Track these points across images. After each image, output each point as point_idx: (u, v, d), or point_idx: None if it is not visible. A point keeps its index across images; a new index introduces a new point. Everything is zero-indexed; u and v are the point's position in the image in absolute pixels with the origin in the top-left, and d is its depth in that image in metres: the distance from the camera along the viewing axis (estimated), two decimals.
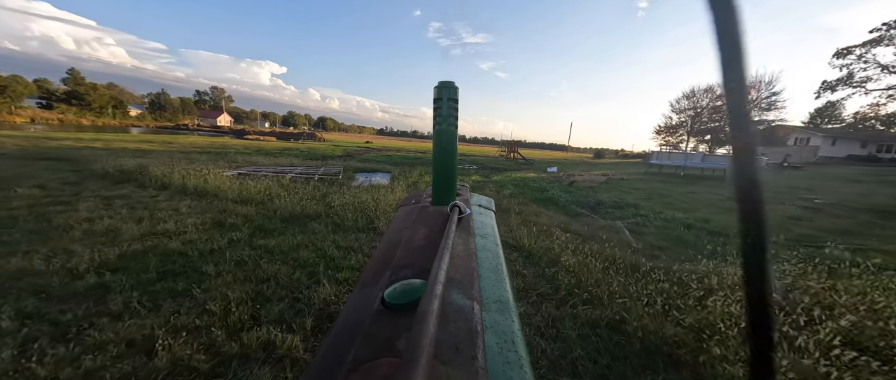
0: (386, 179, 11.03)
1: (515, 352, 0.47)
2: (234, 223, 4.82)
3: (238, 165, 11.56)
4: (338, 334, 0.49)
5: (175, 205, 5.59)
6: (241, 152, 17.05)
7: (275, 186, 7.45)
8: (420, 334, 0.31)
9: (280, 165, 12.17)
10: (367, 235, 4.71)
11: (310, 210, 5.71)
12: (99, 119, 54.21)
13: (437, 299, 0.38)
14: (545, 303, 2.94)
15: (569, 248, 4.38)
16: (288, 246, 4.03)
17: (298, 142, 36.95)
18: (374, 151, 26.99)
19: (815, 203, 8.24)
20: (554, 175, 15.52)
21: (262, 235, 4.48)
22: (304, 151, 21.98)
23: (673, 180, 14.14)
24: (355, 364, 0.37)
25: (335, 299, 2.87)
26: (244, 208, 5.53)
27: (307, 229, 4.81)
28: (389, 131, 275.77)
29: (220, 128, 60.81)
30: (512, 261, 4.06)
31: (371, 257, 0.93)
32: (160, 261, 3.41)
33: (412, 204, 1.16)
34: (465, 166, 18.69)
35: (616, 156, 68.32)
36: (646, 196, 9.54)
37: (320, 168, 11.72)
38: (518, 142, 30.82)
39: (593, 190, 10.40)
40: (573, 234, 5.26)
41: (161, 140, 22.85)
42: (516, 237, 4.79)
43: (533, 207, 7.27)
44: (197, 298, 2.76)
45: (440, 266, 0.47)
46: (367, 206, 6.15)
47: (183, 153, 14.11)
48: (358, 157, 19.72)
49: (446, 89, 0.93)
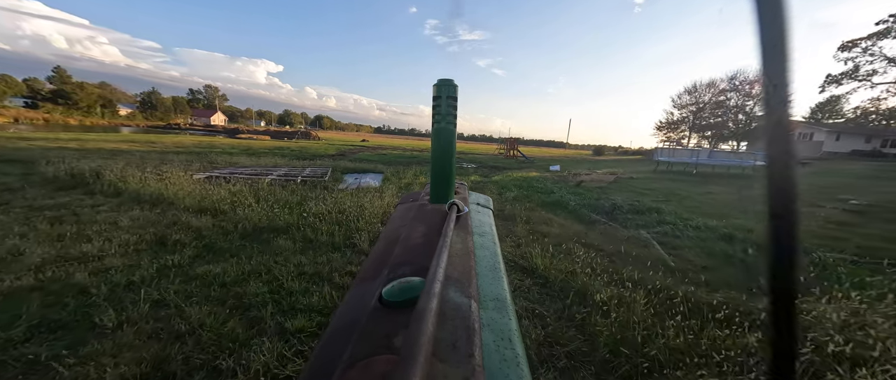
0: (377, 180, 10.12)
1: (512, 350, 0.48)
2: (178, 241, 3.90)
3: (216, 166, 10.61)
4: (335, 331, 0.49)
5: (116, 217, 4.66)
6: (225, 152, 16.07)
7: (246, 192, 6.53)
8: (418, 331, 0.31)
9: (262, 166, 11.22)
10: (342, 255, 3.80)
11: (280, 221, 4.80)
12: (87, 119, 52.55)
13: (434, 297, 0.38)
14: (581, 371, 2.05)
15: (595, 270, 3.49)
16: (235, 274, 3.11)
17: (292, 141, 35.92)
18: (368, 150, 26.03)
19: (853, 205, 7.38)
20: (557, 174, 14.64)
21: (210, 257, 3.57)
22: (295, 150, 20.99)
23: (685, 179, 13.27)
24: (353, 361, 0.37)
25: (277, 369, 1.97)
26: (199, 220, 4.61)
27: (269, 248, 3.90)
28: (387, 129, 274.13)
29: (214, 127, 59.57)
30: (524, 289, 3.16)
31: (369, 255, 0.83)
32: (46, 304, 2.49)
33: (410, 202, 1.17)
34: (462, 165, 17.77)
35: (615, 152, 67.60)
36: (663, 198, 8.65)
37: (306, 169, 10.78)
38: (517, 139, 29.77)
39: (604, 191, 9.52)
40: (594, 249, 4.37)
41: (145, 140, 21.80)
42: (527, 255, 3.89)
43: (541, 212, 6.38)
44: (60, 377, 1.84)
45: (438, 264, 0.47)
46: (349, 215, 5.25)
47: (160, 154, 13.13)
48: (350, 156, 18.76)
49: (445, 87, 0.94)
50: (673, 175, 14.70)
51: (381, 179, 10.19)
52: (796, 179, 0.32)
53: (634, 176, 13.74)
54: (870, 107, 41.44)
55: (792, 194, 0.33)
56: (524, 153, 27.85)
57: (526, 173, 14.21)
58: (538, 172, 14.91)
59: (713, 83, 39.13)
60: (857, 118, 44.62)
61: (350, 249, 4.00)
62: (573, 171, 16.43)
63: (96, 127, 42.81)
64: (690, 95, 41.77)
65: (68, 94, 54.86)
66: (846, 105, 47.90)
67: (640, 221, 5.88)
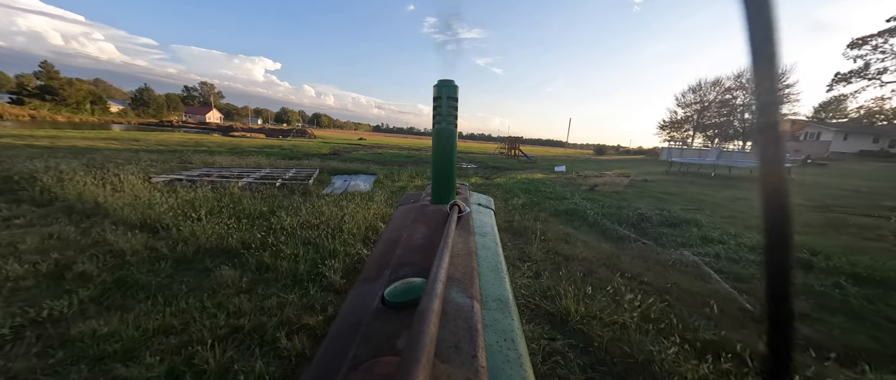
0: (368, 183, 9.11)
1: (515, 350, 0.48)
2: (82, 274, 2.89)
3: (190, 166, 9.58)
4: (338, 332, 0.49)
5: (23, 235, 3.64)
6: (210, 150, 15.02)
7: (210, 199, 5.51)
8: (420, 332, 0.31)
9: (241, 167, 10.19)
10: (303, 293, 2.79)
11: (235, 239, 3.79)
12: (76, 115, 50.98)
13: (437, 298, 0.38)
14: None
15: (650, 318, 2.50)
16: (131, 336, 2.10)
17: (287, 139, 34.87)
18: (364, 149, 24.98)
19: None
20: (564, 176, 13.64)
21: (113, 300, 2.56)
22: (286, 149, 19.90)
23: (704, 181, 12.27)
24: (355, 362, 0.37)
25: None
26: (129, 240, 3.59)
27: (205, 282, 2.89)
28: (385, 128, 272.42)
29: (208, 124, 58.35)
30: (555, 355, 2.17)
31: (371, 256, 0.82)
32: None
33: (411, 203, 1.16)
34: (462, 166, 16.77)
35: (616, 152, 66.62)
36: (690, 204, 7.66)
37: (290, 170, 9.76)
38: (519, 138, 28.56)
39: (622, 197, 8.52)
40: (635, 281, 3.37)
41: (129, 137, 20.69)
42: (553, 293, 2.89)
43: (557, 225, 5.38)
44: None
45: (440, 265, 0.47)
46: (325, 229, 4.25)
47: (133, 152, 12.05)
48: (344, 155, 17.73)
49: (446, 88, 0.95)
50: (690, 177, 13.70)
51: (372, 182, 9.17)
52: (788, 179, 0.30)
53: (649, 179, 12.72)
54: (874, 106, 40.57)
55: (784, 194, 0.33)
56: (526, 152, 26.77)
57: (530, 175, 13.21)
58: (543, 174, 13.91)
59: (719, 81, 38.08)
60: (860, 118, 43.76)
61: (315, 283, 2.99)
62: (580, 171, 15.44)
63: (85, 124, 41.53)
64: (695, 94, 40.68)
65: (56, 90, 53.13)
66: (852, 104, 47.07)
67: (677, 236, 4.88)
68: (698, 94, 40.34)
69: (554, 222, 5.58)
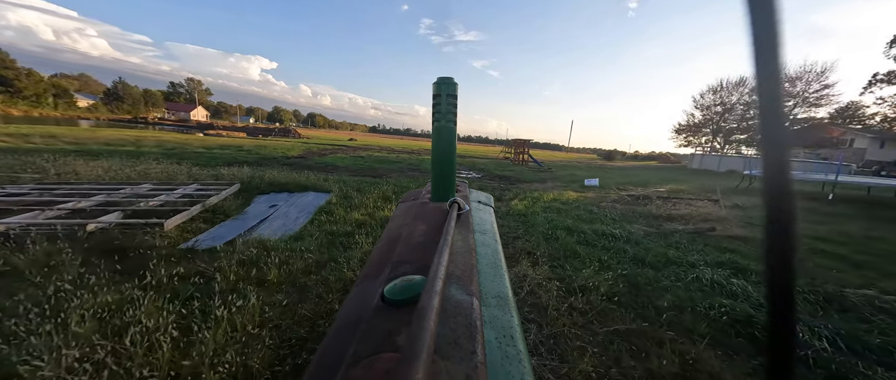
0: (310, 210, 5.46)
1: (514, 347, 0.48)
2: None
3: (19, 181, 5.89)
4: (339, 329, 0.49)
5: None
6: (134, 152, 11.27)
7: None
8: (420, 329, 0.31)
9: (90, 183, 6.51)
10: None
11: None
12: (35, 109, 46.42)
13: (436, 295, 0.38)
14: None
15: None
16: None
17: (267, 138, 31.25)
18: (348, 150, 21.29)
19: None
20: (602, 193, 10.01)
21: None
22: (246, 149, 16.20)
23: (842, 210, 8.65)
24: (356, 359, 0.37)
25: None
26: None
27: None
28: (381, 129, 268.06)
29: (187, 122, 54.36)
30: None
31: (371, 254, 0.81)
32: None
33: (411, 201, 1.15)
34: (461, 174, 13.13)
35: (623, 157, 63.22)
36: (881, 265, 4.07)
37: (178, 188, 6.07)
38: (527, 141, 24.67)
39: (738, 243, 4.89)
40: None
41: (42, 132, 16.83)
42: None
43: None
44: None
45: (440, 262, 0.47)
46: None
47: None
48: (312, 160, 14.03)
49: (445, 85, 0.94)
50: (801, 200, 10.09)
51: (315, 209, 5.50)
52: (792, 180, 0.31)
53: (740, 204, 8.92)
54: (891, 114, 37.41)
55: (789, 196, 0.32)
56: (536, 158, 23.06)
57: (555, 192, 9.54)
58: (572, 190, 10.25)
59: (742, 81, 34.63)
60: (882, 123, 40.56)
61: None
62: (621, 185, 11.81)
63: (47, 119, 37.48)
64: (715, 95, 37.23)
65: (10, 80, 48.67)
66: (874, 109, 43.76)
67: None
68: (719, 95, 36.91)
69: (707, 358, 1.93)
